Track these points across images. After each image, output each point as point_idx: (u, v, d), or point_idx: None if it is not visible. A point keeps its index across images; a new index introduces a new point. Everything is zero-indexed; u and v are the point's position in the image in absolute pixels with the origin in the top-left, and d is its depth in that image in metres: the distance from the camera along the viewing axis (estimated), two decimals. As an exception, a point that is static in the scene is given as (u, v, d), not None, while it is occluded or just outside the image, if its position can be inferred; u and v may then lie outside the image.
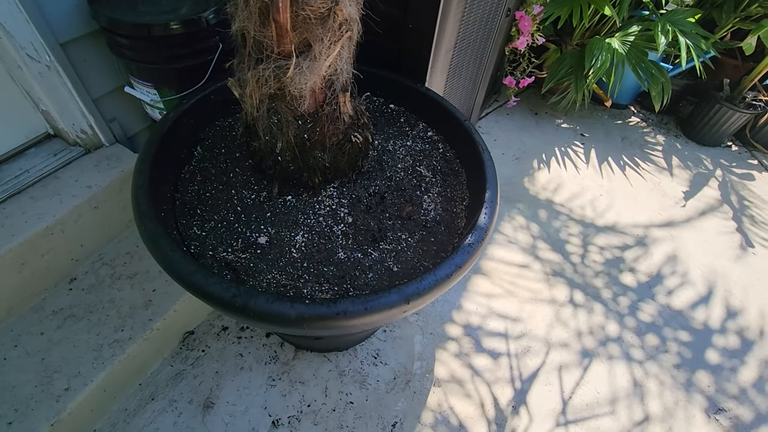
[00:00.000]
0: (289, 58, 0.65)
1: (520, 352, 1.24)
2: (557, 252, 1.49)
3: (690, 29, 1.66)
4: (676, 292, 1.42)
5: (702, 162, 1.90)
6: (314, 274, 0.78)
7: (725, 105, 1.84)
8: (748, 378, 1.24)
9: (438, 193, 0.95)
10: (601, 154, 1.87)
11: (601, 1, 1.54)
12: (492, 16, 1.26)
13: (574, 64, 1.76)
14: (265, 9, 0.60)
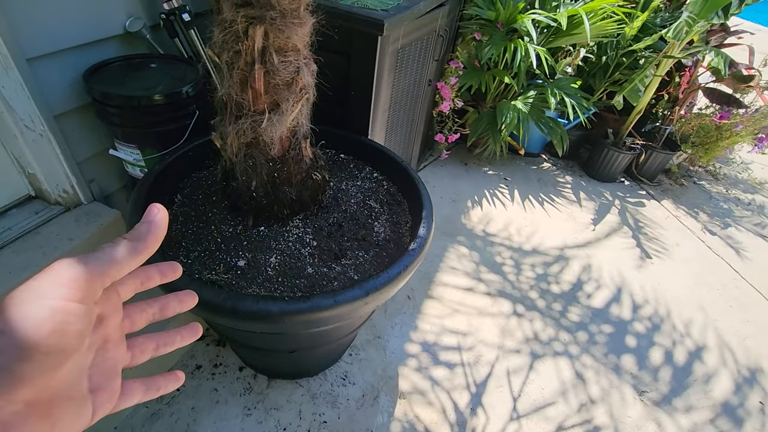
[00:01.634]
0: (263, 114, 0.87)
1: (472, 361, 1.40)
2: (496, 273, 1.72)
3: (574, 92, 2.12)
4: (594, 295, 1.67)
5: (603, 195, 2.29)
6: (288, 286, 0.93)
7: (612, 149, 2.28)
8: (659, 353, 1.47)
9: (386, 219, 1.16)
10: (523, 193, 2.21)
11: (502, 73, 1.95)
12: (417, 85, 1.59)
13: (489, 122, 2.14)
14: (245, 79, 0.82)
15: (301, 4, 0.77)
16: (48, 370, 0.22)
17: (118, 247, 0.26)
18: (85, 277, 0.23)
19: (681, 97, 2.19)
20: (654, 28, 2.08)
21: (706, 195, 2.39)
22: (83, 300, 0.23)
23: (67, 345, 0.22)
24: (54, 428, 0.23)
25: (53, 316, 0.22)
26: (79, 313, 0.23)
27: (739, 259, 1.97)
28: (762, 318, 1.69)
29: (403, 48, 1.33)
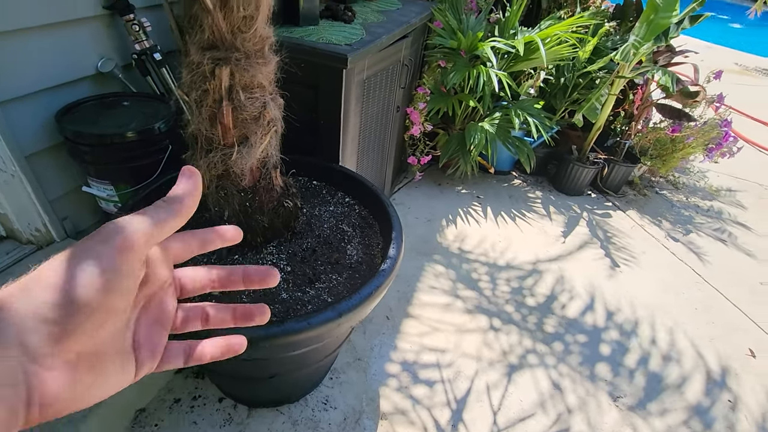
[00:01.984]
0: (233, 147, 0.91)
1: (452, 377, 1.42)
2: (473, 289, 1.76)
3: (536, 113, 2.23)
4: (568, 306, 1.73)
5: (571, 208, 2.39)
6: (263, 312, 0.95)
7: (576, 164, 2.40)
8: (632, 359, 1.52)
9: (358, 242, 1.20)
10: (495, 210, 2.28)
11: (467, 97, 2.05)
12: (385, 112, 1.66)
13: (459, 143, 2.23)
14: (214, 115, 0.86)
15: (265, 45, 0.83)
16: (96, 325, 0.23)
17: (159, 210, 0.27)
18: (133, 238, 0.25)
19: (636, 113, 2.33)
20: (606, 51, 2.23)
21: (668, 204, 2.52)
22: (130, 260, 0.25)
23: (114, 302, 0.24)
24: (99, 380, 0.25)
25: (103, 275, 0.23)
26: (126, 273, 0.24)
27: (701, 263, 2.06)
28: (725, 319, 1.77)
29: (369, 78, 1.40)
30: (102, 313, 0.23)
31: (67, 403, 0.23)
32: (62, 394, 0.22)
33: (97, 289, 0.23)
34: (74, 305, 0.22)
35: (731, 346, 1.65)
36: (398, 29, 1.47)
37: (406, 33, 1.59)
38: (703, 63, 5.62)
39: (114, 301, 0.24)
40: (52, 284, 0.22)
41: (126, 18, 1.22)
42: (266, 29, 0.80)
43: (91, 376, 0.24)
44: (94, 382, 0.24)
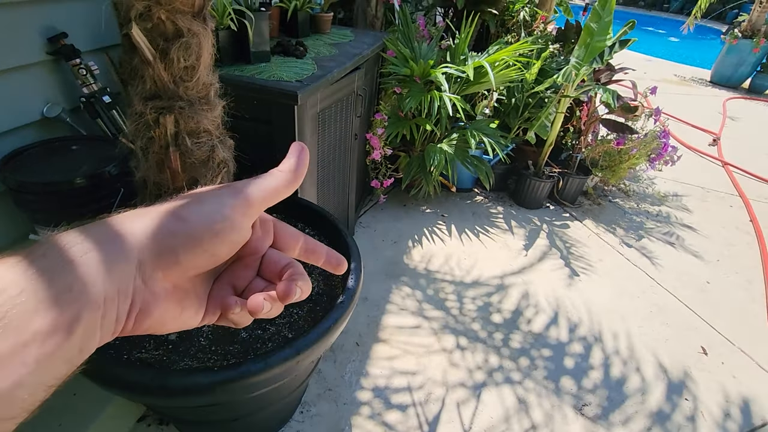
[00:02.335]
0: (182, 191, 0.91)
1: (423, 400, 1.43)
2: (440, 309, 1.79)
3: (492, 132, 2.33)
4: (533, 320, 1.78)
5: (532, 221, 2.48)
6: (221, 354, 0.94)
7: (533, 179, 2.50)
8: (596, 372, 1.58)
9: (319, 273, 1.21)
10: (460, 228, 2.34)
11: (424, 121, 2.12)
12: (343, 140, 1.69)
13: (420, 164, 2.29)
14: (161, 161, 0.87)
15: (210, 91, 0.85)
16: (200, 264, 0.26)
17: (274, 177, 0.29)
18: (254, 197, 0.27)
19: (584, 129, 2.47)
20: (552, 72, 2.36)
21: (621, 211, 2.65)
22: (248, 215, 0.27)
23: (221, 249, 0.26)
24: (181, 314, 0.27)
25: (223, 222, 0.26)
26: (241, 227, 0.27)
27: (653, 267, 2.18)
28: (677, 319, 1.87)
29: (323, 111, 1.44)
30: (209, 255, 0.26)
31: (152, 325, 0.25)
32: (153, 315, 0.25)
33: (216, 232, 0.25)
34: (192, 240, 0.25)
35: (685, 346, 1.74)
36: (350, 62, 1.52)
37: (358, 65, 1.64)
38: (646, 75, 6.03)
39: (221, 248, 0.26)
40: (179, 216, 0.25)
41: (72, 62, 1.21)
42: (209, 76, 0.82)
43: (177, 308, 0.26)
44: (175, 314, 0.27)
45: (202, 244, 0.25)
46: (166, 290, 0.25)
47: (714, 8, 8.06)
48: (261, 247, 0.31)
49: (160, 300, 0.25)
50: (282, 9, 1.74)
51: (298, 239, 0.33)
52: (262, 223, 0.31)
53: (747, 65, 5.71)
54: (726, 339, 1.80)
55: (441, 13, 2.88)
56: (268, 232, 0.32)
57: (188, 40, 0.73)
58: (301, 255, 0.33)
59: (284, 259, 0.31)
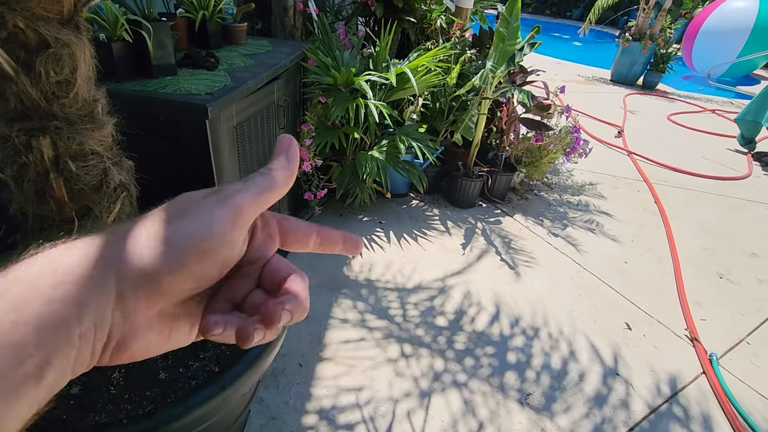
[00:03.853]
0: (73, 222, 0.80)
1: (372, 415, 1.39)
2: (383, 319, 1.76)
3: (421, 136, 2.36)
4: (476, 319, 1.81)
5: (467, 220, 2.55)
6: (136, 402, 0.83)
7: (464, 179, 2.58)
8: (537, 362, 1.64)
9: (248, 296, 1.13)
10: (398, 233, 2.34)
11: (351, 129, 2.10)
12: (268, 153, 1.62)
13: (352, 173, 2.26)
14: (41, 190, 0.75)
15: (94, 108, 0.75)
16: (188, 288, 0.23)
17: (266, 177, 0.26)
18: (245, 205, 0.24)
19: (505, 128, 2.60)
20: (471, 76, 2.46)
21: (546, 203, 2.82)
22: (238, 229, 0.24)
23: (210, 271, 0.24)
24: (170, 338, 0.25)
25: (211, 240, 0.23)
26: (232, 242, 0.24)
27: (579, 253, 2.33)
28: (603, 299, 2.01)
29: (241, 124, 1.36)
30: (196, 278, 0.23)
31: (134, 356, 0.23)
32: (134, 346, 0.23)
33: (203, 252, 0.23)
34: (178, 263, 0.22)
35: (612, 324, 1.87)
36: (266, 73, 1.46)
37: (276, 75, 1.58)
38: (557, 76, 6.54)
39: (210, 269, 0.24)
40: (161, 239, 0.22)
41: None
42: (91, 92, 0.73)
43: (163, 334, 0.24)
44: (161, 341, 0.24)
45: (188, 267, 0.22)
46: (149, 319, 0.23)
47: (608, 15, 9.00)
48: (263, 255, 0.27)
49: (141, 332, 0.23)
50: (189, 19, 1.63)
51: (310, 234, 0.29)
52: (265, 227, 0.28)
53: (639, 64, 6.41)
54: (645, 313, 1.96)
55: (362, 21, 2.90)
56: (272, 237, 0.28)
57: (57, 51, 0.63)
58: (317, 248, 0.30)
59: (284, 269, 0.27)
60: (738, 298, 2.13)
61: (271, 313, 0.24)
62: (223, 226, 0.23)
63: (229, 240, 0.24)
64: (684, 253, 2.42)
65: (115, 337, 0.22)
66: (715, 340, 1.84)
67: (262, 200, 0.25)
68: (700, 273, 2.29)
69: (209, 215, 0.23)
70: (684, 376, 1.66)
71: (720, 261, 2.42)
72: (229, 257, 0.24)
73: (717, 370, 1.65)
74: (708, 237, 2.64)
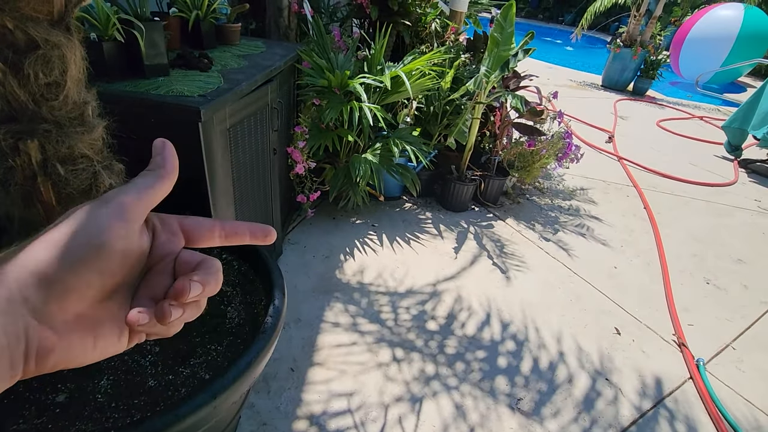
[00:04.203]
0: (61, 226, 0.78)
1: (363, 420, 1.38)
2: (375, 323, 1.75)
3: (415, 140, 2.37)
4: (467, 324, 1.81)
5: (459, 224, 2.56)
6: (124, 410, 0.82)
7: (457, 182, 2.58)
8: (528, 367, 1.65)
9: (240, 301, 1.11)
10: (391, 236, 2.34)
11: (345, 132, 2.09)
12: (261, 156, 1.60)
13: (346, 176, 2.25)
14: (29, 194, 0.74)
15: (85, 111, 0.74)
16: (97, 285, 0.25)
17: (146, 177, 0.28)
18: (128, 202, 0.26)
19: (498, 133, 2.61)
20: (465, 80, 2.47)
21: (538, 208, 2.84)
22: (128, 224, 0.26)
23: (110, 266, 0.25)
24: (97, 344, 0.25)
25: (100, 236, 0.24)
26: (125, 237, 0.26)
27: (570, 258, 2.35)
28: (593, 304, 2.03)
29: (234, 126, 1.35)
30: (99, 274, 0.24)
31: (59, 362, 0.24)
32: (56, 352, 0.23)
33: (97, 247, 0.24)
34: (77, 261, 0.23)
35: (602, 329, 1.88)
36: (260, 74, 1.45)
37: (271, 77, 1.57)
38: (549, 81, 6.60)
39: (110, 263, 0.25)
40: (53, 241, 0.23)
41: None
42: (82, 94, 0.71)
43: (88, 339, 0.25)
44: (87, 346, 0.25)
45: (87, 264, 0.24)
46: (68, 323, 0.24)
47: (599, 21, 9.11)
48: (170, 251, 0.29)
49: (63, 335, 0.24)
50: (182, 19, 1.61)
51: (213, 229, 0.31)
52: (165, 226, 0.30)
53: (629, 70, 6.50)
54: (634, 318, 1.98)
55: (357, 24, 2.89)
56: (174, 234, 0.30)
57: (46, 52, 0.62)
58: (224, 241, 0.32)
59: (195, 259, 0.29)
60: (724, 304, 2.17)
61: (179, 287, 0.26)
62: (110, 222, 0.25)
63: (119, 235, 0.25)
64: (672, 259, 2.45)
65: (35, 343, 0.22)
66: (702, 346, 1.86)
67: (146, 197, 0.27)
68: (688, 278, 2.33)
69: (96, 216, 0.25)
70: (672, 381, 1.68)
71: (707, 267, 2.46)
72: (127, 251, 0.26)
73: (704, 376, 1.68)
74: (695, 243, 2.69)
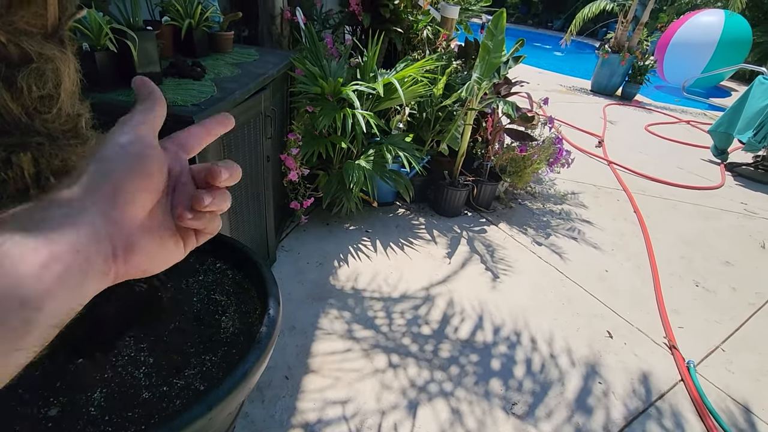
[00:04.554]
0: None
1: (359, 427, 1.38)
2: (369, 328, 1.76)
3: (407, 146, 2.38)
4: (460, 328, 1.82)
5: (452, 229, 2.57)
6: (118, 423, 0.81)
7: (450, 188, 2.60)
8: (520, 371, 1.66)
9: (234, 311, 1.11)
10: (384, 242, 2.34)
11: (339, 139, 2.10)
12: (254, 164, 1.61)
13: (339, 182, 2.26)
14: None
15: (78, 123, 0.74)
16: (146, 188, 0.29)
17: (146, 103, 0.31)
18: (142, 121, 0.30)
19: (490, 138, 2.63)
20: (457, 87, 2.49)
21: (530, 212, 2.86)
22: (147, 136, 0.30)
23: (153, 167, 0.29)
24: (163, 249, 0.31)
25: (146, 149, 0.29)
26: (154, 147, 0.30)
27: (562, 261, 2.37)
28: (585, 308, 2.05)
29: (227, 135, 1.35)
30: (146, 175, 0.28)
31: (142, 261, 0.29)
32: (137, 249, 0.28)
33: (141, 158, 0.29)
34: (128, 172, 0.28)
35: (594, 332, 1.90)
36: (254, 83, 1.45)
37: (264, 85, 1.57)
38: (539, 86, 6.68)
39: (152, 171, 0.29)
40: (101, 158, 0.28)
41: None
42: (75, 106, 0.71)
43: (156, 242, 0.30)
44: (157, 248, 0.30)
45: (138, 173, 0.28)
46: (135, 226, 0.28)
47: (588, 27, 9.25)
48: (182, 166, 0.33)
49: (137, 234, 0.28)
50: (175, 28, 1.61)
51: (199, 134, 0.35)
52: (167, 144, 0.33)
53: (617, 76, 6.60)
54: (626, 321, 2.00)
55: (349, 31, 2.91)
56: (181, 146, 0.34)
57: (40, 65, 0.62)
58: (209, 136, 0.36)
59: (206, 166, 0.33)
60: (713, 306, 2.20)
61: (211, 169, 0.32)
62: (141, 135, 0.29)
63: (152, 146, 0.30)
64: (662, 262, 2.49)
65: (119, 242, 0.27)
66: (693, 348, 1.89)
67: (150, 119, 0.31)
68: (677, 281, 2.36)
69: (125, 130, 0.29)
70: (663, 383, 1.70)
71: (696, 269, 2.50)
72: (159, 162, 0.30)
73: (694, 377, 1.70)
74: (684, 245, 2.73)
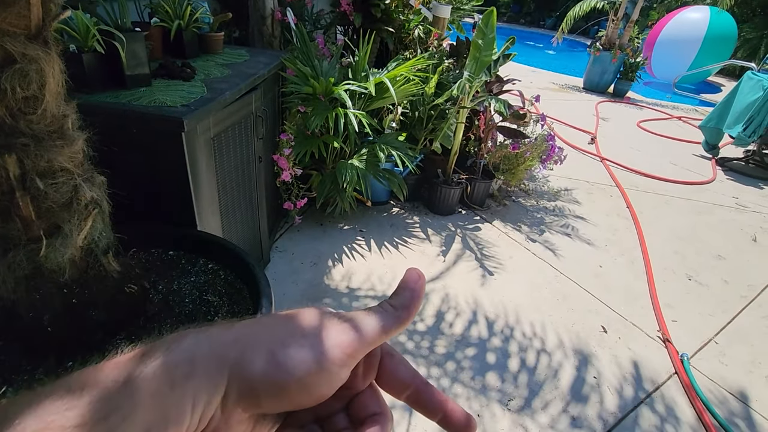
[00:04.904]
0: (40, 241, 0.77)
1: (355, 426, 1.38)
2: (365, 328, 1.75)
3: (400, 145, 2.38)
4: (455, 323, 1.83)
5: (446, 227, 2.58)
6: (109, 426, 0.80)
7: (443, 186, 2.60)
8: (516, 365, 1.66)
9: (227, 311, 1.11)
10: (378, 241, 2.34)
11: (331, 138, 2.10)
12: (246, 165, 1.60)
13: (333, 182, 2.25)
14: (6, 209, 0.73)
15: (64, 124, 0.73)
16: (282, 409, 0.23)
17: (384, 316, 0.25)
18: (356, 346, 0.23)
19: (483, 136, 2.64)
20: (449, 85, 2.49)
21: (524, 209, 2.88)
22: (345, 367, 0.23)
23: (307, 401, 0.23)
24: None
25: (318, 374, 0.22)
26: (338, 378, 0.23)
27: (556, 258, 2.38)
28: (580, 304, 2.06)
29: (218, 135, 1.34)
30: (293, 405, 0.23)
31: None
32: None
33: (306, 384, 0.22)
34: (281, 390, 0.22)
35: (588, 327, 1.91)
36: (244, 83, 1.45)
37: (255, 85, 1.57)
38: (532, 84, 6.70)
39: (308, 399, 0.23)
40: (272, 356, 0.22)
41: None
42: (61, 107, 0.71)
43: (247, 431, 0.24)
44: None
45: (288, 395, 0.23)
46: (240, 420, 0.23)
47: (579, 25, 9.31)
48: (356, 386, 0.27)
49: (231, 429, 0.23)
50: (164, 29, 1.61)
51: (407, 385, 0.27)
52: (366, 359, 0.26)
53: (609, 73, 6.64)
54: (620, 316, 2.01)
55: (341, 31, 2.91)
56: (371, 369, 0.27)
57: (24, 66, 0.61)
58: (409, 403, 0.28)
59: (374, 407, 0.27)
60: (706, 299, 2.22)
61: None
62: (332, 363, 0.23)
63: (335, 377, 0.23)
64: (655, 256, 2.51)
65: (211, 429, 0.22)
66: (686, 341, 1.90)
67: (374, 340, 0.24)
68: (671, 275, 2.38)
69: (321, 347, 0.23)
70: (657, 376, 1.71)
71: (689, 263, 2.52)
72: (328, 391, 0.24)
73: (688, 370, 1.71)
74: (677, 240, 2.75)
